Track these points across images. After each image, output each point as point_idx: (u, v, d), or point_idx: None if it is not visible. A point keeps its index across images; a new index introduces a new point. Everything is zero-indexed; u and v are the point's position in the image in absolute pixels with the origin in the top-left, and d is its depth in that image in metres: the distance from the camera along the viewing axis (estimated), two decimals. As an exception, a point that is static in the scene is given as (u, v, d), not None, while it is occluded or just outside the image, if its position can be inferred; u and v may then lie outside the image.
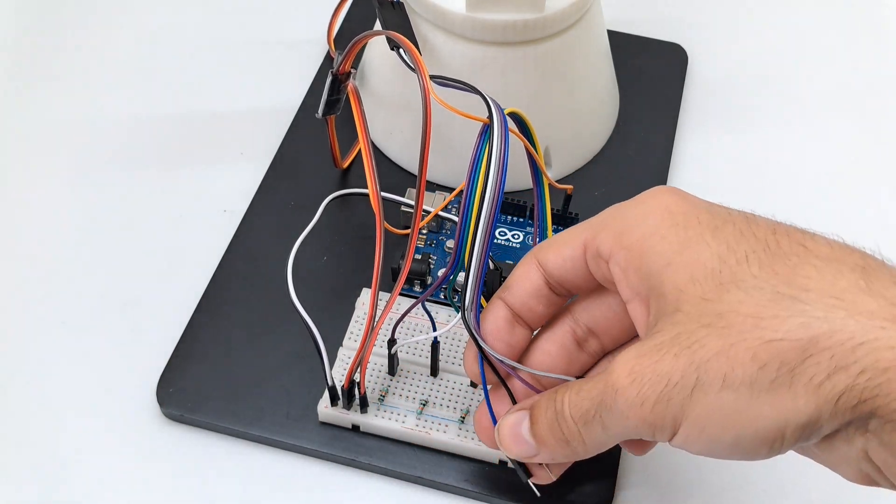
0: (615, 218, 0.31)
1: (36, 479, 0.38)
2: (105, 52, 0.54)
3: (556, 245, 0.32)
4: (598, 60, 0.47)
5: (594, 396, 0.29)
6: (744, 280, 0.27)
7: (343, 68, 0.39)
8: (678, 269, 0.28)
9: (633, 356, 0.28)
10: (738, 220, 0.28)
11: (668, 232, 0.29)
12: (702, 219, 0.29)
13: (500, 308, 0.33)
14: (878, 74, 0.55)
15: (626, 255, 0.29)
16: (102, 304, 0.43)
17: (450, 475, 0.37)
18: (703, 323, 0.27)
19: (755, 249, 0.27)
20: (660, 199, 0.30)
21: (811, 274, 0.26)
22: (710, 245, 0.28)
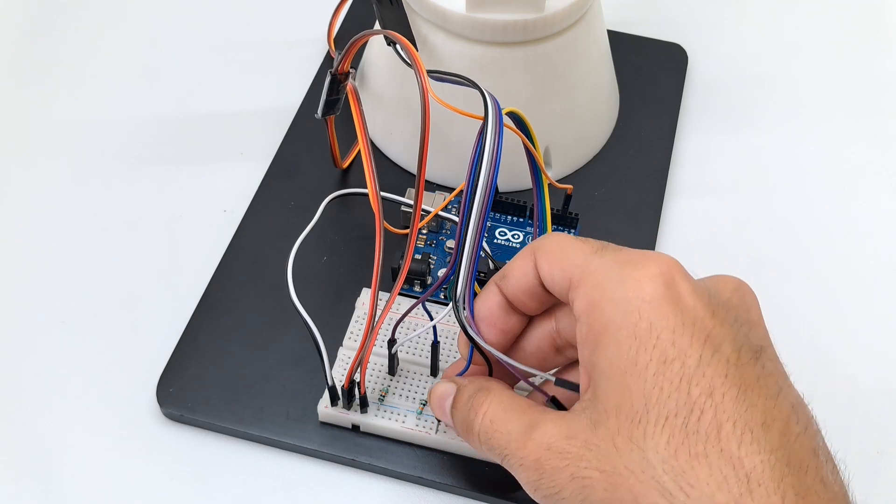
0: (595, 282, 0.30)
1: (36, 478, 0.38)
2: (105, 52, 0.54)
3: (552, 258, 0.31)
4: (598, 60, 0.47)
5: (503, 446, 0.31)
6: (647, 448, 0.27)
7: (342, 68, 0.39)
8: (615, 389, 0.28)
9: (547, 445, 0.29)
10: (690, 359, 0.27)
11: (625, 340, 0.28)
12: (660, 341, 0.28)
13: (495, 294, 0.33)
14: (878, 74, 0.55)
15: (587, 334, 0.30)
16: (102, 303, 0.43)
17: (450, 475, 0.37)
18: (601, 468, 0.28)
19: (677, 414, 0.27)
20: (640, 288, 0.28)
21: (701, 475, 0.26)
22: (646, 381, 0.27)
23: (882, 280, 0.45)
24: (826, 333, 0.43)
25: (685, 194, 0.48)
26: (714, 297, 0.29)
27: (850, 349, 0.43)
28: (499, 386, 0.33)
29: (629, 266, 0.29)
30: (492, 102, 0.31)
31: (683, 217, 0.47)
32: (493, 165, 0.31)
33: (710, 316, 0.28)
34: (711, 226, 0.47)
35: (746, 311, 0.30)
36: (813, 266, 0.46)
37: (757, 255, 0.46)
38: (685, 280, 0.29)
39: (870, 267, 0.46)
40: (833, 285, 0.45)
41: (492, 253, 0.42)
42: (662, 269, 0.29)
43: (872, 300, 0.45)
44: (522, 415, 0.31)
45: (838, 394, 0.41)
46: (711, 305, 0.29)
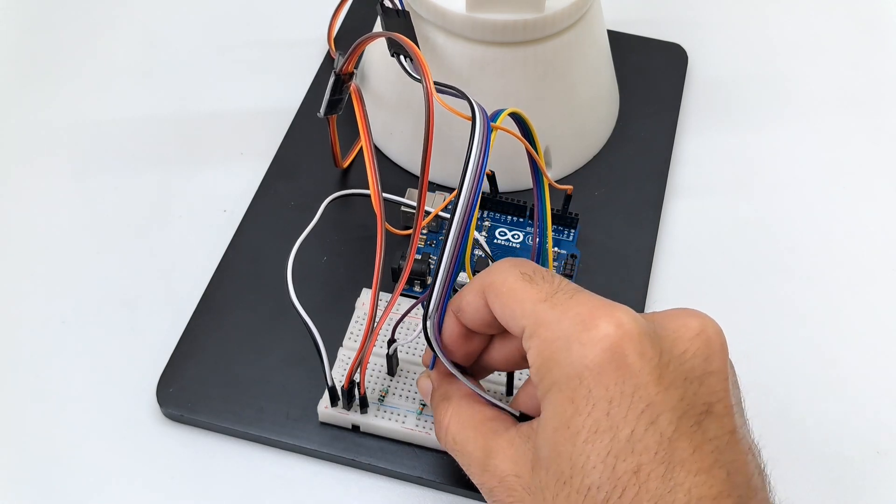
0: (545, 338, 0.29)
1: (36, 478, 0.38)
2: (105, 52, 0.54)
3: (503, 302, 0.31)
4: (598, 60, 0.47)
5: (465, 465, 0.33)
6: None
7: (346, 68, 0.39)
8: (548, 444, 0.28)
9: (500, 478, 0.31)
10: (622, 433, 0.27)
11: (563, 403, 0.28)
12: (595, 410, 0.27)
13: (454, 324, 0.33)
14: (878, 74, 0.55)
15: (537, 384, 0.29)
16: (102, 303, 0.43)
17: (449, 475, 0.37)
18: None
19: (599, 487, 0.27)
20: (585, 353, 0.28)
21: None
22: (575, 447, 0.27)
23: (882, 280, 0.45)
24: (826, 333, 0.43)
25: (685, 194, 0.48)
26: (667, 352, 0.28)
27: (849, 349, 0.43)
28: (457, 395, 0.34)
29: (579, 326, 0.28)
30: (480, 114, 0.31)
31: (683, 217, 0.47)
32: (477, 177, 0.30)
33: (654, 382, 0.27)
34: (711, 226, 0.47)
35: (704, 360, 0.29)
36: (813, 266, 0.46)
37: (757, 255, 0.46)
38: (637, 340, 0.28)
39: (870, 267, 0.46)
40: (833, 285, 0.45)
41: (492, 253, 0.42)
42: (610, 330, 0.28)
43: (872, 300, 0.45)
44: (478, 435, 0.32)
45: (838, 393, 0.41)
46: (659, 367, 0.28)
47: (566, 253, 0.43)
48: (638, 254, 0.44)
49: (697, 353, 0.29)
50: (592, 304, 0.29)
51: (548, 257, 0.39)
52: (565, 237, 0.44)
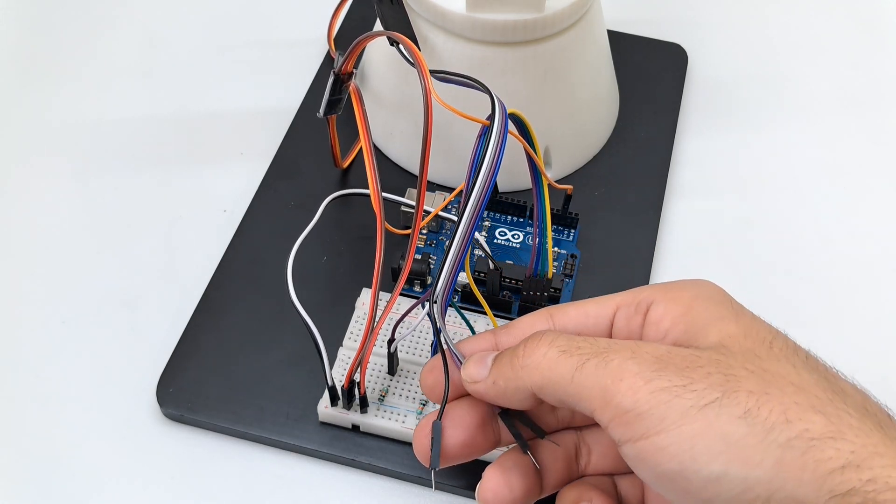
0: (662, 285, 0.31)
1: (36, 478, 0.38)
2: (105, 52, 0.54)
3: (579, 304, 0.32)
4: (598, 60, 0.47)
5: (600, 344, 0.28)
6: (794, 361, 0.27)
7: (345, 68, 0.39)
8: (730, 324, 0.28)
9: (666, 348, 0.28)
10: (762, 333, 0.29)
11: (720, 301, 0.29)
12: (751, 313, 0.30)
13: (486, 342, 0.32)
14: (878, 74, 0.55)
15: (668, 305, 0.30)
16: (102, 303, 0.43)
17: (450, 475, 0.37)
18: (747, 367, 0.27)
19: (801, 348, 0.29)
20: (711, 283, 0.31)
21: (847, 388, 0.27)
22: (761, 323, 0.29)
23: (882, 280, 0.45)
24: (826, 333, 0.43)
25: (685, 194, 0.48)
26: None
27: (849, 349, 0.43)
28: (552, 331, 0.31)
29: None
30: (499, 107, 0.31)
31: (683, 217, 0.47)
32: (493, 168, 0.30)
33: None
34: (711, 226, 0.47)
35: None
36: (813, 266, 0.46)
37: (757, 255, 0.46)
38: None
39: (870, 267, 0.46)
40: (833, 285, 0.45)
41: (492, 253, 0.42)
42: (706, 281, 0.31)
43: (872, 300, 0.45)
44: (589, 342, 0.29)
45: (838, 394, 0.41)
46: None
47: (566, 253, 0.43)
48: (638, 254, 0.44)
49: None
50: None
51: (548, 257, 0.39)
52: (565, 237, 0.44)
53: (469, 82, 0.33)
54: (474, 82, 0.33)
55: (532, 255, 0.39)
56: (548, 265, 0.40)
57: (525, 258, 0.43)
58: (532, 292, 0.41)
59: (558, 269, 0.43)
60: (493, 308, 0.40)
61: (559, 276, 0.42)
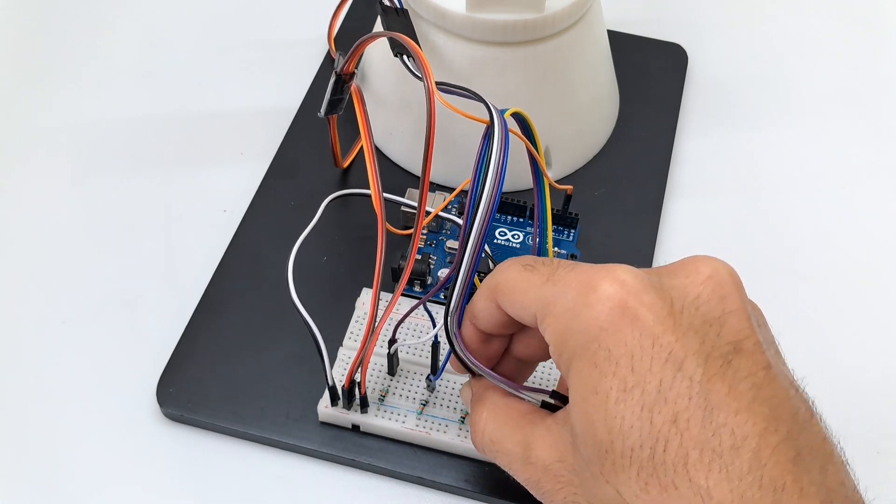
0: (555, 313, 0.29)
1: (35, 479, 0.38)
2: (105, 52, 0.54)
3: (511, 298, 0.31)
4: (598, 60, 0.47)
5: (506, 464, 0.32)
6: (619, 482, 0.27)
7: (347, 69, 0.39)
8: (582, 418, 0.28)
9: (544, 467, 0.30)
10: (651, 385, 0.27)
11: (586, 370, 0.28)
12: (619, 368, 0.27)
13: (472, 331, 0.33)
14: (878, 74, 0.55)
15: (557, 362, 0.29)
16: (102, 303, 0.43)
17: (450, 475, 0.37)
18: (587, 495, 0.29)
19: (642, 445, 0.26)
20: (595, 315, 0.28)
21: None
22: (608, 411, 0.27)
23: (882, 280, 0.45)
24: (826, 333, 0.43)
25: (685, 194, 0.48)
26: (678, 300, 0.28)
27: (849, 349, 0.43)
28: (491, 396, 0.33)
29: (583, 291, 0.28)
30: (498, 118, 0.31)
31: (683, 217, 0.47)
32: (497, 184, 0.30)
33: (670, 330, 0.27)
34: (711, 226, 0.47)
35: (720, 301, 0.28)
36: (813, 266, 0.46)
37: (757, 255, 0.46)
38: (642, 294, 0.28)
39: (870, 267, 0.46)
40: (833, 285, 0.45)
41: (492, 253, 0.42)
42: (615, 287, 0.28)
43: (872, 300, 0.45)
44: (515, 430, 0.32)
45: (838, 393, 0.41)
46: (673, 315, 0.27)
47: (566, 253, 0.43)
48: (638, 254, 0.44)
49: (711, 296, 0.28)
50: (592, 269, 0.29)
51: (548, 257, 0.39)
52: (565, 237, 0.44)
53: (465, 93, 0.33)
54: (472, 94, 0.33)
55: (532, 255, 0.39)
56: (548, 265, 0.40)
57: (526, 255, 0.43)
58: (532, 292, 0.41)
59: (558, 269, 0.43)
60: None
61: (559, 276, 0.42)
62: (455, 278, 0.32)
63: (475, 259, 0.31)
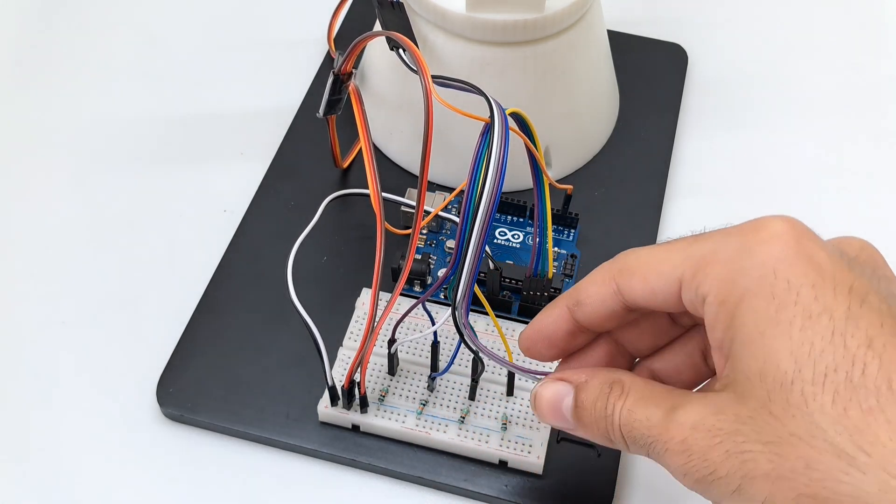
0: (717, 260, 0.28)
1: (35, 479, 0.38)
2: (105, 52, 0.54)
3: (644, 274, 0.30)
4: (598, 60, 0.47)
5: (645, 434, 0.28)
6: (812, 411, 0.25)
7: (345, 68, 0.39)
8: (757, 353, 0.26)
9: (692, 424, 0.27)
10: (838, 311, 0.25)
11: (763, 303, 0.26)
12: (801, 297, 0.26)
13: (564, 319, 0.32)
14: (878, 74, 0.55)
15: (718, 308, 0.28)
16: (102, 303, 0.43)
17: (450, 475, 0.37)
18: (763, 437, 0.26)
19: (836, 368, 0.25)
20: (770, 250, 0.27)
21: (880, 433, 0.24)
22: (792, 339, 0.25)
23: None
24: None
25: (685, 194, 0.48)
26: (844, 253, 0.27)
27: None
28: (630, 376, 0.30)
29: (750, 233, 0.27)
30: (498, 112, 0.31)
31: (683, 217, 0.47)
32: (499, 175, 0.30)
33: (847, 270, 0.26)
34: (711, 226, 0.47)
35: (877, 267, 0.28)
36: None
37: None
38: (812, 237, 0.27)
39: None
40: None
41: (492, 253, 0.42)
42: (786, 227, 0.27)
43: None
44: (662, 399, 0.29)
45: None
46: (845, 259, 0.27)
47: (566, 253, 0.43)
48: (638, 254, 0.44)
49: (867, 262, 0.28)
50: (749, 221, 0.28)
51: (548, 257, 0.39)
52: (565, 237, 0.44)
53: (466, 87, 0.33)
54: (472, 87, 0.33)
55: (532, 255, 0.39)
56: (548, 265, 0.40)
57: (525, 258, 0.43)
58: (532, 292, 0.41)
59: (558, 269, 0.43)
60: (493, 308, 0.40)
61: (559, 276, 0.42)
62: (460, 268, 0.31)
63: (481, 243, 0.31)
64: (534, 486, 0.37)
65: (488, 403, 0.38)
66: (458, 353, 0.37)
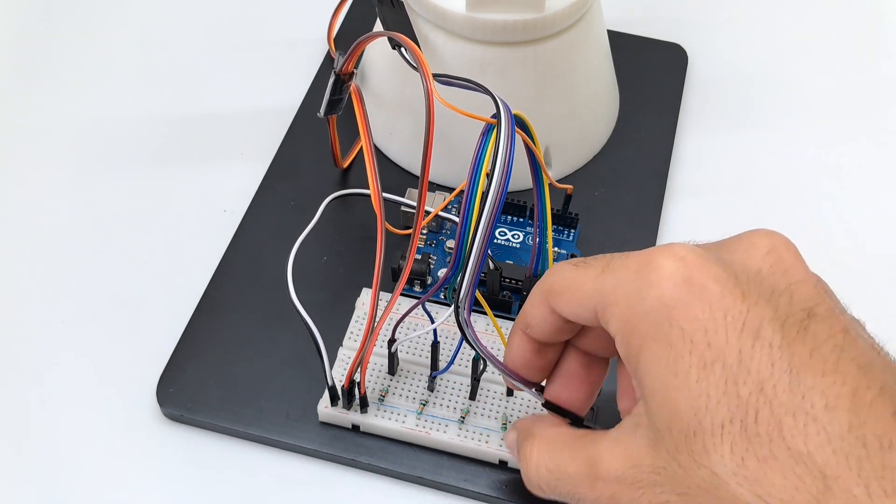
0: (618, 300, 0.28)
1: (36, 479, 0.38)
2: (105, 52, 0.54)
3: (566, 297, 0.30)
4: (598, 60, 0.47)
5: (571, 490, 0.30)
6: (713, 463, 0.25)
7: (346, 68, 0.39)
8: (662, 404, 0.27)
9: (616, 478, 0.28)
10: (730, 357, 0.26)
11: (662, 351, 0.27)
12: (695, 345, 0.26)
13: (523, 341, 0.33)
14: (878, 74, 0.55)
15: (626, 352, 0.28)
16: (102, 303, 0.43)
17: (450, 475, 0.37)
18: (676, 489, 0.26)
19: (732, 419, 0.25)
20: (661, 294, 0.27)
21: (776, 481, 0.24)
22: (690, 391, 0.26)
23: (883, 280, 0.45)
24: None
25: (685, 194, 0.48)
26: (742, 272, 0.27)
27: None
28: (539, 426, 0.32)
29: (643, 272, 0.27)
30: (504, 110, 0.31)
31: (683, 217, 0.47)
32: (505, 173, 0.30)
33: (740, 299, 0.26)
34: (711, 226, 0.47)
35: (784, 273, 0.27)
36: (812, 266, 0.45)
37: (757, 256, 0.46)
38: (704, 266, 0.27)
39: (870, 267, 0.46)
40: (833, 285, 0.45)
41: (492, 253, 0.42)
42: (676, 263, 0.27)
43: (873, 300, 0.44)
44: (575, 452, 0.30)
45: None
46: (740, 286, 0.26)
47: (566, 253, 0.43)
48: (638, 254, 0.44)
49: (775, 269, 0.28)
50: (647, 251, 0.28)
51: (548, 257, 0.39)
52: (565, 237, 0.44)
53: (471, 85, 0.33)
54: (477, 86, 0.33)
55: (532, 255, 0.39)
56: (548, 265, 0.40)
57: (525, 258, 0.43)
58: (532, 292, 0.41)
59: (558, 269, 0.43)
60: (493, 308, 0.40)
61: (559, 276, 0.42)
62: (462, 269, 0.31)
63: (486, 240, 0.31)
64: (534, 486, 0.37)
65: (488, 403, 0.38)
66: (458, 353, 0.37)
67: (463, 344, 0.37)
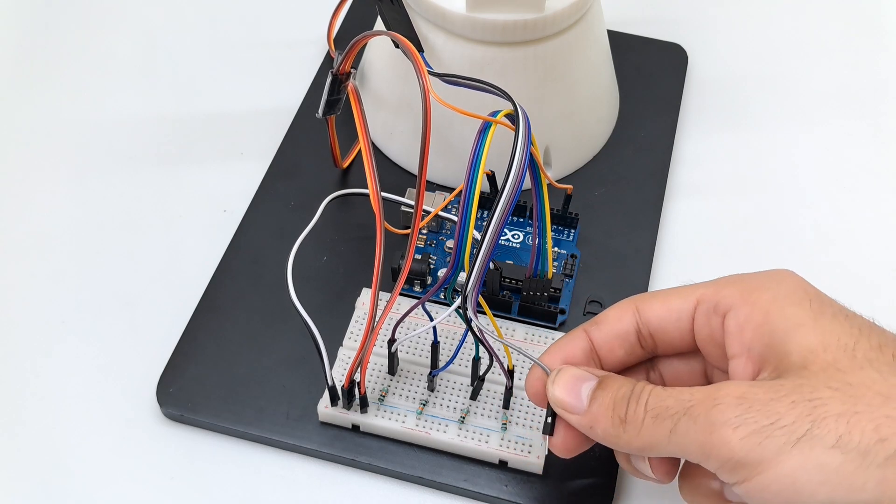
0: (741, 280, 0.31)
1: (36, 479, 0.38)
2: (105, 52, 0.54)
3: (663, 296, 0.33)
4: (598, 60, 0.47)
5: (684, 400, 0.28)
6: (879, 366, 0.27)
7: (343, 68, 0.39)
8: (809, 334, 0.28)
9: (747, 385, 0.28)
10: (863, 317, 0.30)
11: (800, 301, 0.29)
12: (833, 304, 0.30)
13: (581, 339, 0.33)
14: (878, 74, 0.55)
15: (748, 311, 0.30)
16: (102, 303, 0.43)
17: (450, 475, 0.37)
18: (831, 386, 0.27)
19: (889, 343, 0.28)
20: (789, 276, 0.31)
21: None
22: (843, 324, 0.29)
23: (882, 280, 0.45)
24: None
25: (685, 194, 0.48)
26: None
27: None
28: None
29: (757, 272, 0.32)
30: (522, 115, 0.31)
31: (683, 217, 0.47)
32: (520, 175, 0.31)
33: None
34: (711, 226, 0.47)
35: None
36: (813, 266, 0.45)
37: (757, 255, 0.46)
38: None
39: (870, 267, 0.46)
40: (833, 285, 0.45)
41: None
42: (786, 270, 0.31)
43: (873, 300, 0.44)
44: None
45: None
46: None
47: (566, 253, 0.43)
48: (638, 254, 0.44)
49: None
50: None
51: (548, 257, 0.39)
52: (565, 237, 0.44)
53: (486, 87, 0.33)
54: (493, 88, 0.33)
55: (532, 255, 0.39)
56: (548, 265, 0.40)
57: (525, 258, 0.43)
58: (532, 292, 0.41)
59: (558, 269, 0.43)
60: (492, 308, 0.40)
61: (559, 276, 0.42)
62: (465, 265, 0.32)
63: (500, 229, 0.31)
64: (534, 486, 0.37)
65: (488, 403, 0.38)
66: (458, 352, 0.37)
67: (463, 344, 0.38)
